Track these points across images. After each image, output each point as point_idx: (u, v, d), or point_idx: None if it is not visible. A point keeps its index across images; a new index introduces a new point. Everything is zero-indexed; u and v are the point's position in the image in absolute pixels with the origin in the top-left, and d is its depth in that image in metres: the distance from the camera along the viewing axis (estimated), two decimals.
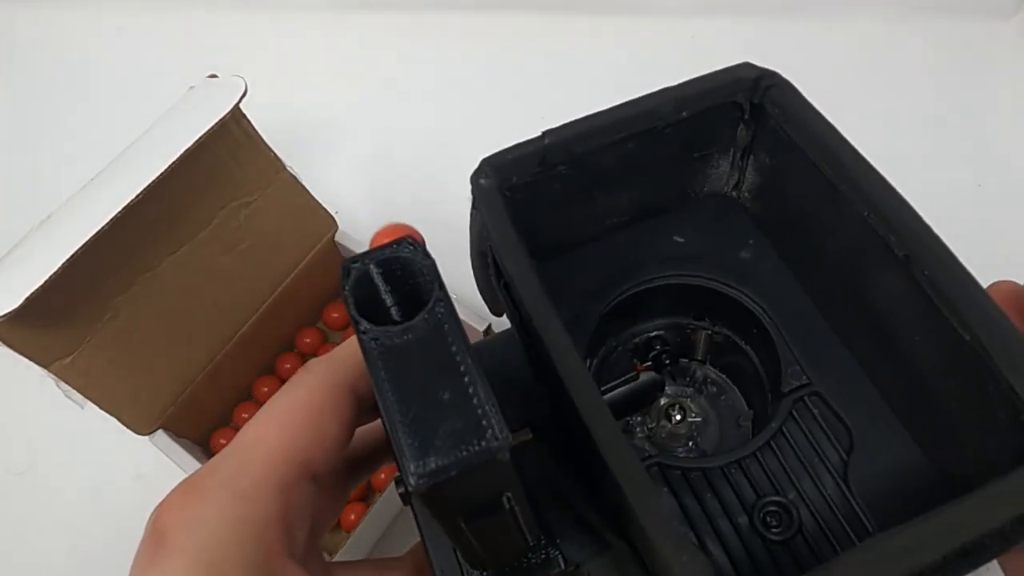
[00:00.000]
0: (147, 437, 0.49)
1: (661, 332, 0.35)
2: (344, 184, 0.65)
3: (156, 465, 0.51)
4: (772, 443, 0.29)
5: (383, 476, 0.51)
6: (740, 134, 0.31)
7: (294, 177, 0.51)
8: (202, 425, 0.54)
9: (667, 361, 0.35)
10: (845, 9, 0.67)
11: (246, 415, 0.55)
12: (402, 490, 0.27)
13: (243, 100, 0.44)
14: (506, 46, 0.72)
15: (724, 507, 0.28)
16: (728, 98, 0.30)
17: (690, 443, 0.34)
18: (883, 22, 0.67)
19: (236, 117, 0.46)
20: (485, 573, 0.28)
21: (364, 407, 0.28)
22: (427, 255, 0.22)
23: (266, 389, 0.55)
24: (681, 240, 0.33)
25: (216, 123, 0.43)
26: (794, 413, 0.29)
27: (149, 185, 0.41)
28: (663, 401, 0.34)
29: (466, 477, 0.20)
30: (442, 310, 0.21)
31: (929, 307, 0.24)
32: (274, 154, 0.49)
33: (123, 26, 0.80)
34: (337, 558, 0.44)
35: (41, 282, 0.38)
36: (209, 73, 0.47)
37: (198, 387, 0.50)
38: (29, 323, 0.40)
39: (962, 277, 0.24)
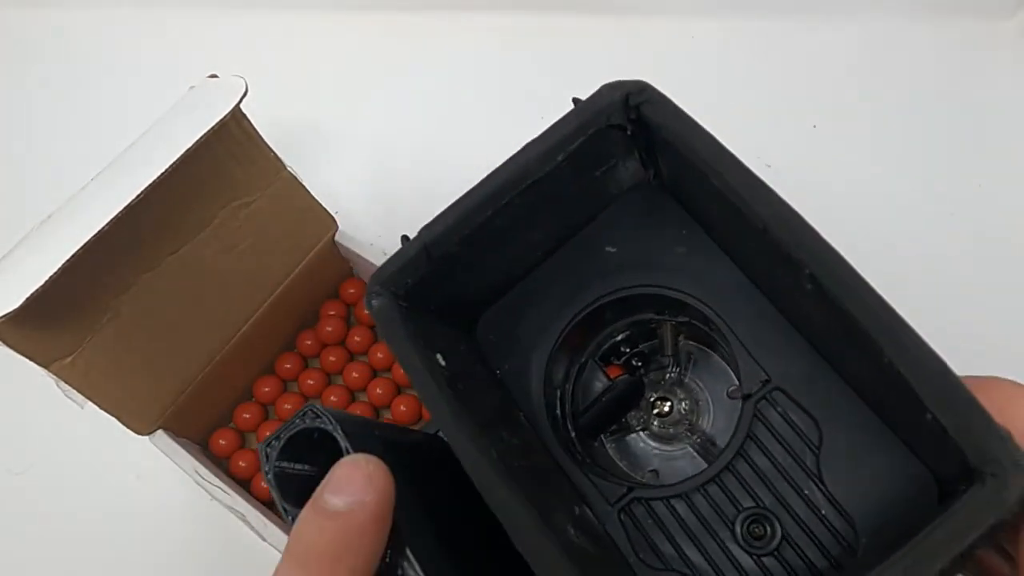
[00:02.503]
0: (147, 437, 0.49)
1: (626, 332, 0.33)
2: (344, 184, 0.65)
3: (156, 465, 0.51)
4: (743, 451, 0.28)
5: None
6: (635, 141, 0.30)
7: (294, 177, 0.51)
8: (202, 425, 0.54)
9: (638, 363, 0.34)
10: (845, 9, 0.67)
11: (246, 415, 0.55)
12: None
13: (243, 100, 0.44)
14: (506, 46, 0.72)
15: (707, 527, 0.27)
16: (601, 125, 0.29)
17: (686, 430, 0.33)
18: (883, 22, 0.67)
19: (236, 117, 0.46)
20: None
21: None
22: (330, 419, 0.24)
23: (266, 389, 0.55)
24: (613, 249, 0.32)
25: (216, 123, 0.43)
26: (759, 414, 0.28)
27: (149, 185, 0.41)
28: (651, 395, 0.34)
29: None
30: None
31: (847, 325, 0.23)
32: (274, 154, 0.49)
33: (123, 26, 0.80)
34: None
35: (41, 282, 0.38)
36: (209, 73, 0.47)
37: (198, 387, 0.50)
38: (29, 323, 0.40)
39: (872, 303, 0.22)
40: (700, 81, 0.64)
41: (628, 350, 0.34)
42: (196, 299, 0.49)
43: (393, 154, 0.67)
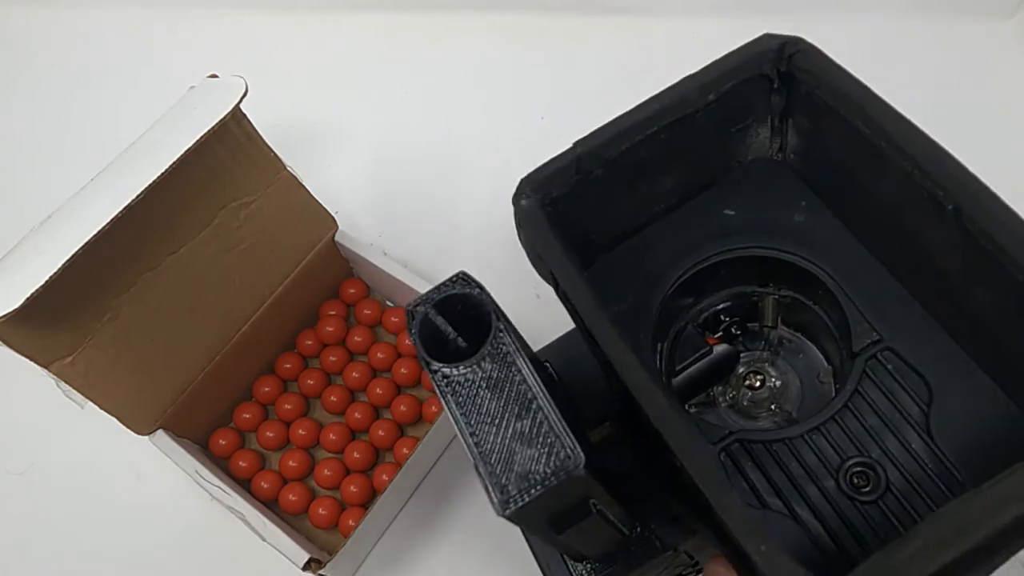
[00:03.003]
0: (147, 437, 0.49)
1: (728, 303, 0.34)
2: (344, 184, 0.65)
3: (156, 465, 0.51)
4: (850, 404, 0.28)
5: (384, 478, 0.51)
6: (774, 102, 0.31)
7: (294, 177, 0.51)
8: (202, 425, 0.54)
9: (738, 332, 0.35)
10: (845, 9, 0.67)
11: (246, 415, 0.55)
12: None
13: (243, 100, 0.44)
14: (506, 46, 0.72)
15: (810, 473, 0.28)
16: (754, 72, 0.30)
17: (773, 407, 0.34)
18: (883, 22, 0.67)
19: (236, 117, 0.46)
20: (589, 564, 0.29)
21: None
22: (480, 288, 0.24)
23: (266, 389, 0.55)
24: (732, 212, 0.33)
25: (216, 123, 0.43)
26: (868, 371, 0.29)
27: (149, 185, 0.41)
28: (741, 370, 0.34)
29: (547, 498, 0.21)
30: (503, 341, 0.23)
31: (982, 255, 0.24)
32: (274, 154, 0.49)
33: (123, 26, 0.80)
34: (335, 561, 0.45)
35: (41, 282, 0.38)
36: (209, 73, 0.47)
37: (198, 387, 0.50)
38: (29, 323, 0.40)
39: (1013, 222, 0.23)
40: None
41: (727, 319, 0.35)
42: (196, 299, 0.49)
43: (393, 154, 0.67)
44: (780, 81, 0.30)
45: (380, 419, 0.54)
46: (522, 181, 0.29)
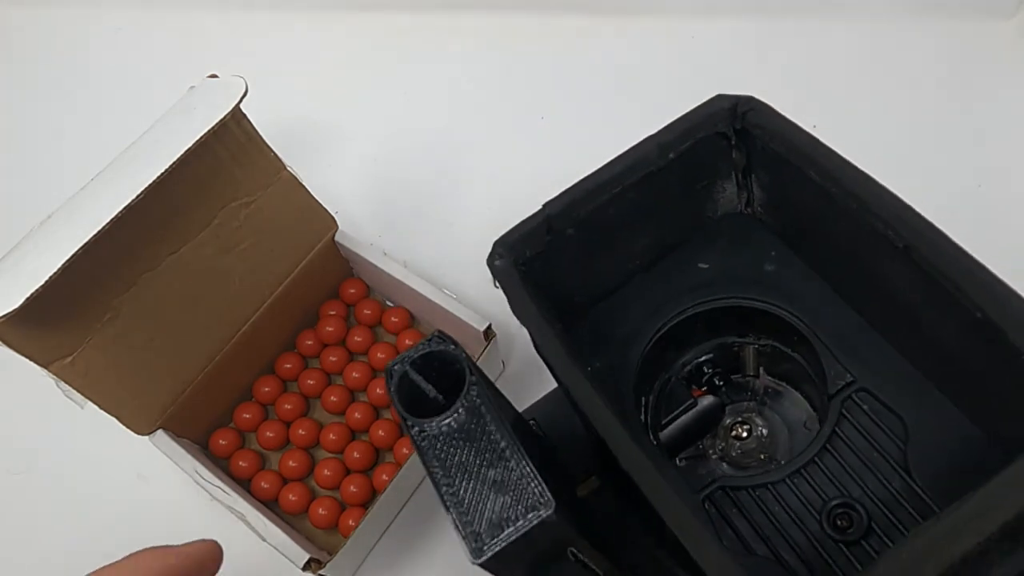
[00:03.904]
0: (147, 437, 0.49)
1: (710, 355, 0.35)
2: (344, 184, 0.65)
3: (156, 465, 0.51)
4: (828, 446, 0.29)
5: (384, 478, 0.51)
6: (735, 158, 0.32)
7: (294, 177, 0.51)
8: (202, 425, 0.54)
9: (720, 383, 0.35)
10: (845, 9, 0.67)
11: (246, 415, 0.55)
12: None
13: (243, 100, 0.44)
14: (506, 46, 0.72)
15: (793, 517, 0.28)
16: (710, 131, 0.31)
17: (762, 455, 0.34)
18: (883, 22, 0.67)
19: (236, 117, 0.46)
20: None
21: None
22: (455, 344, 0.25)
23: (266, 389, 0.55)
24: (706, 266, 0.34)
25: (216, 123, 0.43)
26: (845, 412, 0.29)
27: (149, 185, 0.41)
28: (728, 420, 0.35)
29: (520, 545, 0.21)
30: (476, 393, 0.24)
31: (937, 291, 0.24)
32: (274, 154, 0.49)
33: (123, 26, 0.80)
34: (335, 561, 0.45)
35: (41, 282, 0.38)
36: (209, 73, 0.47)
37: (198, 387, 0.50)
38: (29, 323, 0.40)
39: (961, 258, 0.24)
40: (700, 81, 0.64)
41: (710, 370, 0.35)
42: (196, 299, 0.49)
43: (393, 154, 0.67)
44: (737, 138, 0.31)
45: (380, 419, 0.54)
46: (496, 242, 0.30)
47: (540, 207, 0.31)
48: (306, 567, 0.44)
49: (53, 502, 0.55)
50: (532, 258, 0.31)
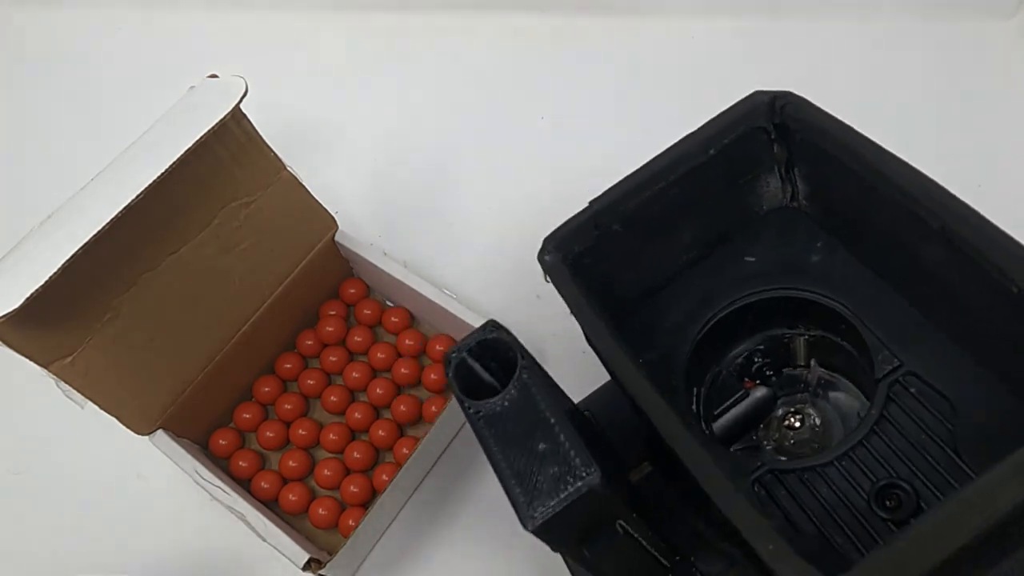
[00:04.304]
0: (147, 437, 0.49)
1: (760, 347, 0.36)
2: (344, 184, 0.65)
3: (156, 465, 0.51)
4: (877, 428, 0.29)
5: (384, 478, 0.51)
6: (777, 152, 0.33)
7: (294, 177, 0.51)
8: (202, 425, 0.54)
9: (771, 374, 0.36)
10: (844, 9, 0.67)
11: (247, 415, 0.55)
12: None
13: (243, 100, 0.44)
14: (506, 46, 0.72)
15: (842, 498, 0.29)
16: (750, 125, 0.32)
17: (816, 446, 0.34)
18: (883, 22, 0.67)
19: (236, 117, 0.46)
20: None
21: None
22: (508, 332, 0.27)
23: (266, 389, 0.55)
24: (752, 259, 0.35)
25: (216, 123, 0.43)
26: (892, 396, 0.30)
27: (149, 185, 0.41)
28: (781, 411, 0.35)
29: (569, 513, 0.23)
30: (527, 376, 0.26)
31: (974, 268, 0.25)
32: (274, 154, 0.49)
33: (123, 26, 0.80)
34: (335, 561, 0.45)
35: (41, 282, 0.38)
36: (209, 73, 0.47)
37: (198, 387, 0.50)
38: (29, 323, 0.40)
39: (995, 235, 0.25)
40: (700, 81, 0.64)
41: (761, 360, 0.36)
42: (196, 299, 0.49)
43: (393, 154, 0.67)
44: (776, 132, 0.32)
45: (380, 419, 0.54)
46: (545, 239, 0.31)
47: (587, 204, 0.32)
48: (306, 567, 0.44)
49: (53, 502, 0.55)
50: (581, 254, 0.32)
